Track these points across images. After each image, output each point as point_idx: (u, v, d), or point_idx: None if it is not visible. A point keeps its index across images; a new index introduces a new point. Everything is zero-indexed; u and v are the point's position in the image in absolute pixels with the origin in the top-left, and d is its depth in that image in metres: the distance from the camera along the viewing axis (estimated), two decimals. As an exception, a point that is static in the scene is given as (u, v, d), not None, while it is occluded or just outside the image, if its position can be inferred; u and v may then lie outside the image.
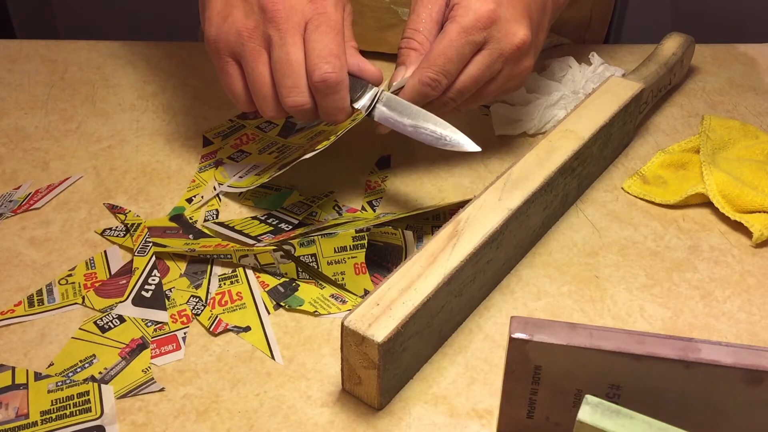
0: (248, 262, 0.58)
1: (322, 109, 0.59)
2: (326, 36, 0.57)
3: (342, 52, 0.58)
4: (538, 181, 0.57)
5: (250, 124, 0.73)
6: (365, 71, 0.60)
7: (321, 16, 0.57)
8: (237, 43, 0.58)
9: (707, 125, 0.72)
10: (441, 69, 0.59)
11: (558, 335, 0.42)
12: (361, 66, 0.60)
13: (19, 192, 0.65)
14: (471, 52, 0.59)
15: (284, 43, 0.57)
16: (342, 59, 0.57)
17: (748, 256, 0.61)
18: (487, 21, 0.59)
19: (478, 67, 0.60)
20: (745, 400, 0.42)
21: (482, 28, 0.59)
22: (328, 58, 0.57)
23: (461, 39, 0.58)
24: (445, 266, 0.50)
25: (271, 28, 0.57)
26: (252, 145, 0.70)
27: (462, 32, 0.58)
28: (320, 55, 0.57)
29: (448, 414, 0.49)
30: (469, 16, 0.59)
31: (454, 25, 0.59)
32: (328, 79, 0.57)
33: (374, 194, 0.66)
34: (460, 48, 0.58)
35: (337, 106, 0.59)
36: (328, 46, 0.57)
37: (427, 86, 0.59)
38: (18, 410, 0.49)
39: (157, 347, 0.53)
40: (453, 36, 0.58)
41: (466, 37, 0.58)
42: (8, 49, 0.84)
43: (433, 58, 0.59)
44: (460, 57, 0.59)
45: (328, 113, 0.59)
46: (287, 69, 0.57)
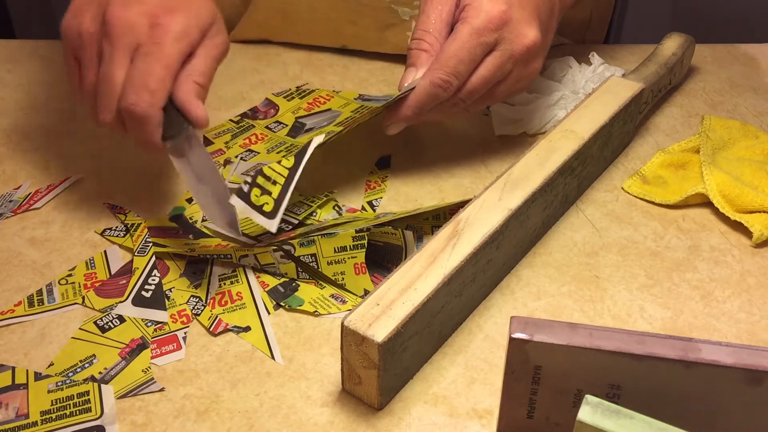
0: (248, 262, 0.58)
1: (130, 135, 0.57)
2: (148, 66, 0.54)
3: (159, 87, 0.54)
4: (538, 181, 0.57)
5: (259, 124, 0.73)
6: (189, 111, 0.56)
7: (153, 45, 0.54)
8: (78, 43, 0.57)
9: (707, 125, 0.72)
10: (452, 70, 0.59)
11: (558, 335, 0.42)
12: (185, 105, 0.56)
13: (19, 192, 0.65)
14: (482, 53, 0.59)
15: (111, 60, 0.55)
16: (156, 95, 0.54)
17: (748, 256, 0.61)
18: (498, 22, 0.59)
19: (489, 68, 0.60)
20: (745, 400, 0.42)
21: (494, 30, 0.59)
22: (138, 90, 0.54)
23: (473, 40, 0.58)
24: (445, 266, 0.50)
25: (105, 41, 0.55)
26: (261, 145, 0.70)
27: (474, 33, 0.58)
28: (132, 84, 0.54)
29: (448, 414, 0.49)
30: (480, 17, 0.58)
31: (465, 26, 0.59)
32: (131, 111, 0.54)
33: (374, 194, 0.66)
34: (471, 49, 0.58)
35: (143, 139, 0.56)
36: (144, 77, 0.54)
37: (439, 88, 0.59)
38: (18, 410, 0.49)
39: (158, 347, 0.53)
40: (465, 37, 0.58)
41: (478, 39, 0.58)
42: (8, 49, 0.84)
43: (444, 60, 0.59)
44: (471, 58, 0.59)
45: (136, 142, 0.57)
46: (105, 87, 0.55)
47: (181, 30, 0.55)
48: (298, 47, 0.84)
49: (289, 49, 0.84)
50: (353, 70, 0.81)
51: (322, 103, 0.75)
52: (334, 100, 0.75)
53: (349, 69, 0.82)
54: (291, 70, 0.81)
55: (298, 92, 0.77)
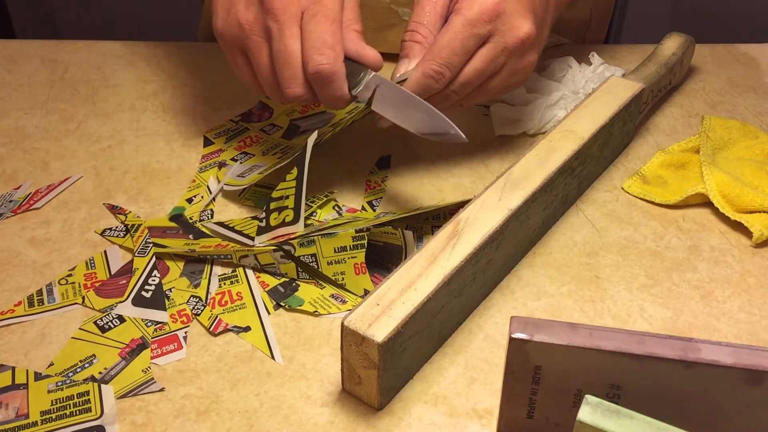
0: (248, 262, 0.58)
1: (320, 98, 0.59)
2: (320, 26, 0.57)
3: (337, 41, 0.57)
4: (538, 181, 0.57)
5: (253, 127, 0.73)
6: (364, 57, 0.59)
7: (316, 5, 0.57)
8: (240, 35, 0.59)
9: (707, 125, 0.72)
10: (445, 61, 0.58)
11: (558, 335, 0.42)
12: (359, 52, 0.59)
13: (19, 192, 0.65)
14: (475, 45, 0.59)
15: (282, 35, 0.57)
16: (336, 49, 0.57)
17: (748, 256, 0.61)
18: (492, 14, 0.59)
19: (482, 60, 0.60)
20: (745, 400, 0.42)
21: (487, 21, 0.59)
22: (321, 50, 0.56)
23: (466, 31, 0.58)
24: (445, 266, 0.50)
25: (270, 19, 0.57)
26: (255, 147, 0.70)
27: (467, 25, 0.58)
28: (314, 47, 0.57)
29: (448, 414, 0.49)
30: (474, 9, 0.58)
31: (459, 18, 0.59)
32: (321, 71, 0.57)
33: (374, 194, 0.66)
34: (464, 41, 0.58)
35: (335, 95, 0.59)
36: (321, 36, 0.56)
37: (431, 78, 0.59)
38: (18, 410, 0.49)
39: (159, 347, 0.53)
40: (458, 28, 0.58)
41: (471, 30, 0.58)
42: (8, 49, 0.84)
43: (437, 51, 0.59)
44: (464, 50, 0.59)
45: (326, 102, 0.60)
46: (285, 60, 0.58)
47: None
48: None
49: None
50: (353, 70, 0.81)
51: (316, 105, 0.75)
52: None
53: (349, 69, 0.82)
54: (291, 70, 0.81)
55: None
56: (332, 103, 0.60)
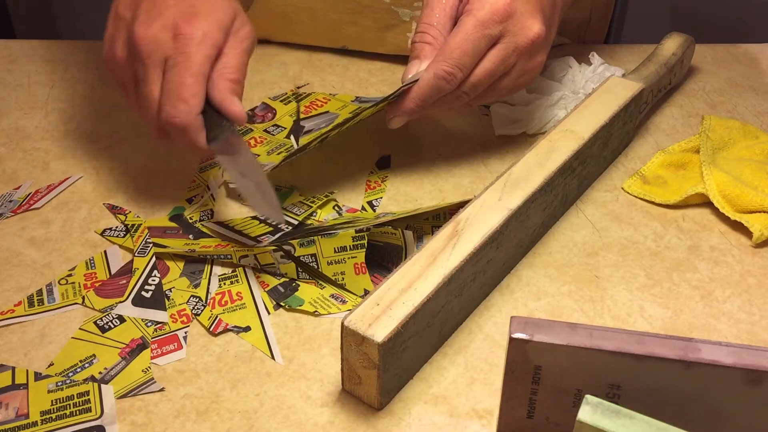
0: (248, 263, 0.58)
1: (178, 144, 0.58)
2: (177, 77, 0.55)
3: (192, 94, 0.55)
4: (538, 181, 0.57)
5: (257, 128, 0.73)
6: (225, 110, 0.57)
7: (179, 55, 0.56)
8: (116, 69, 0.60)
9: (707, 125, 0.72)
10: (456, 62, 0.58)
11: (558, 335, 0.42)
12: (222, 104, 0.57)
13: (19, 192, 0.65)
14: (487, 45, 0.59)
15: (146, 80, 0.57)
16: (189, 103, 0.55)
17: (748, 256, 0.61)
18: (503, 14, 0.59)
19: (493, 60, 0.60)
20: (745, 400, 0.42)
21: (498, 22, 0.59)
22: (174, 102, 0.55)
23: (477, 32, 0.58)
24: (445, 266, 0.50)
25: (137, 62, 0.57)
26: (260, 148, 0.70)
27: (478, 25, 0.58)
28: (168, 97, 0.56)
29: (448, 414, 0.49)
30: (485, 9, 0.58)
31: (470, 18, 0.59)
32: (171, 123, 0.56)
33: (374, 194, 0.66)
34: (476, 41, 0.58)
35: (189, 145, 0.57)
36: (176, 89, 0.55)
37: (443, 80, 0.59)
38: (18, 410, 0.49)
39: (159, 347, 0.53)
40: (469, 29, 0.58)
41: (483, 31, 0.58)
42: (8, 49, 0.84)
43: (448, 52, 0.58)
44: (475, 50, 0.59)
45: (184, 148, 0.59)
46: (146, 105, 0.57)
47: (202, 34, 0.56)
48: (298, 47, 0.84)
49: (289, 49, 0.84)
50: (353, 71, 0.81)
51: (319, 106, 0.75)
52: (331, 103, 0.75)
53: (349, 69, 0.82)
54: (291, 70, 0.81)
55: (294, 96, 0.77)
56: (190, 151, 0.59)
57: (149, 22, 0.56)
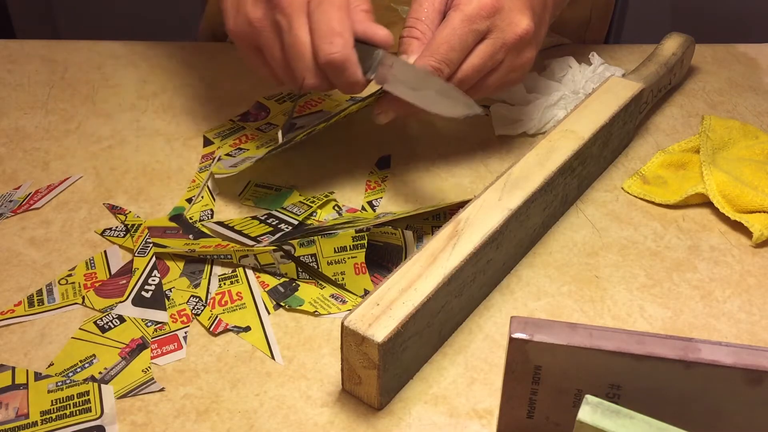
0: (248, 263, 0.58)
1: (336, 85, 0.60)
2: (326, 15, 0.57)
3: (345, 28, 0.57)
4: (538, 181, 0.57)
5: (250, 126, 0.73)
6: (373, 37, 0.59)
7: None
8: (251, 32, 0.60)
9: (707, 125, 0.72)
10: (443, 57, 0.58)
11: (558, 335, 0.42)
12: (368, 33, 0.59)
13: (19, 192, 0.65)
14: (474, 41, 0.59)
15: (291, 27, 0.57)
16: (344, 36, 0.57)
17: (748, 256, 0.61)
18: (490, 10, 0.58)
19: (481, 56, 0.59)
20: (745, 400, 0.42)
21: (486, 17, 0.58)
22: (330, 38, 0.56)
23: (464, 27, 0.58)
24: (445, 266, 0.50)
25: (278, 13, 0.58)
26: (250, 143, 0.70)
27: (465, 20, 0.58)
28: (322, 36, 0.57)
29: (448, 414, 0.49)
30: (472, 5, 0.58)
31: (457, 14, 0.59)
32: (332, 60, 0.57)
33: (374, 194, 0.66)
34: (463, 36, 0.58)
35: (349, 81, 0.59)
36: (329, 25, 0.56)
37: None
38: (18, 410, 0.49)
39: (159, 347, 0.53)
40: (456, 24, 0.58)
41: (470, 26, 0.58)
42: (8, 49, 0.84)
43: (435, 47, 0.58)
44: (463, 46, 0.59)
45: (343, 88, 0.60)
46: (296, 52, 0.58)
47: None
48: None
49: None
50: (353, 70, 0.81)
51: (314, 106, 0.75)
52: (325, 103, 0.75)
53: (349, 69, 0.82)
54: (291, 70, 0.81)
55: (289, 96, 0.77)
56: (349, 89, 0.60)
57: None
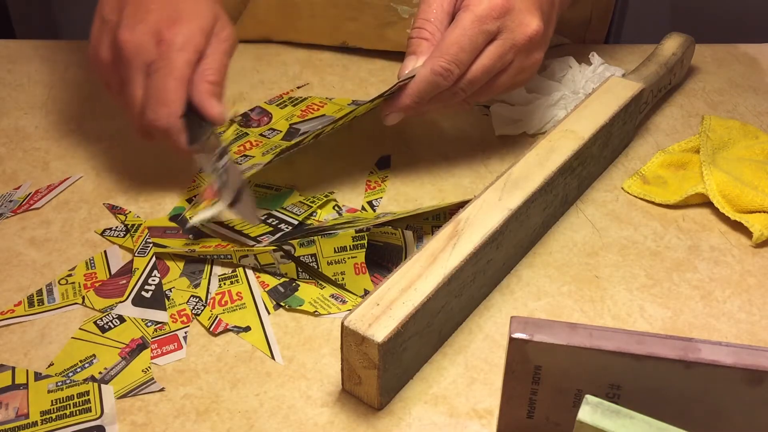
0: (248, 263, 0.58)
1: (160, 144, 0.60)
2: (161, 82, 0.57)
3: (175, 98, 0.57)
4: (538, 181, 0.57)
5: (253, 132, 0.73)
6: (205, 111, 0.59)
7: (161, 60, 0.57)
8: (102, 72, 0.61)
9: (707, 125, 0.72)
10: (453, 58, 0.58)
11: (558, 335, 0.42)
12: (202, 105, 0.58)
13: (19, 192, 0.65)
14: (484, 41, 0.59)
15: (129, 82, 0.58)
16: (172, 107, 0.57)
17: (748, 256, 0.61)
18: (501, 10, 0.58)
19: (491, 57, 0.59)
20: (745, 400, 0.42)
21: (496, 18, 0.58)
22: (155, 106, 0.57)
23: (475, 28, 0.58)
24: (445, 266, 0.50)
25: (122, 65, 0.59)
26: (255, 150, 0.70)
27: (476, 21, 0.58)
28: (150, 101, 0.57)
29: (448, 414, 0.49)
30: (483, 5, 0.58)
31: (467, 14, 0.58)
32: (153, 126, 0.58)
33: (374, 194, 0.66)
34: (473, 37, 0.58)
35: (173, 147, 0.59)
36: (159, 93, 0.57)
37: (439, 76, 0.59)
38: (18, 410, 0.49)
39: (159, 347, 0.53)
40: (466, 25, 0.58)
41: (480, 26, 0.58)
42: (8, 49, 0.84)
43: (445, 47, 0.58)
44: (473, 46, 0.58)
45: (168, 149, 0.60)
46: (130, 106, 0.59)
47: (184, 40, 0.58)
48: (298, 47, 0.84)
49: (289, 48, 0.84)
50: (353, 70, 0.81)
51: (315, 110, 0.75)
52: (327, 107, 0.75)
53: (349, 69, 0.82)
54: (291, 70, 0.81)
55: (290, 100, 0.77)
56: (173, 152, 0.60)
57: (133, 26, 0.58)
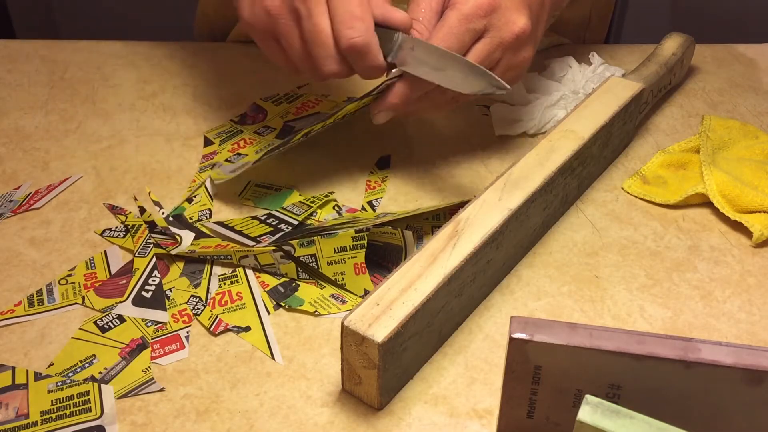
0: (248, 263, 0.58)
1: (357, 70, 0.60)
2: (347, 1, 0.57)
3: (365, 11, 0.57)
4: (538, 181, 0.57)
5: (247, 129, 0.73)
6: (392, 20, 0.59)
7: None
8: (269, 21, 0.60)
9: (707, 125, 0.72)
10: None
11: (558, 335, 0.42)
12: (386, 16, 0.59)
13: (19, 192, 0.65)
14: (471, 40, 0.59)
15: (310, 14, 0.58)
16: (365, 20, 0.57)
17: (748, 256, 0.61)
18: (487, 8, 0.58)
19: (478, 55, 0.59)
20: (745, 400, 0.42)
21: (483, 16, 0.58)
22: (351, 23, 0.57)
23: (461, 26, 0.58)
24: (445, 266, 0.50)
25: (296, 1, 0.58)
26: (249, 148, 0.70)
27: (462, 19, 0.58)
28: (343, 21, 0.57)
29: (448, 414, 0.49)
30: (469, 4, 0.58)
31: (454, 12, 0.59)
32: (354, 45, 0.57)
33: (374, 194, 0.66)
34: (460, 35, 0.58)
35: (371, 65, 0.59)
36: (349, 9, 0.57)
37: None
38: (18, 410, 0.49)
39: (161, 347, 0.53)
40: (453, 23, 0.58)
41: (467, 25, 0.58)
42: (8, 49, 0.84)
43: None
44: (460, 45, 0.59)
45: (364, 73, 0.60)
46: (317, 39, 0.58)
47: None
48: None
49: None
50: (353, 70, 0.81)
51: (310, 107, 0.75)
52: (322, 104, 0.75)
53: (349, 69, 0.82)
54: (291, 70, 0.81)
55: (286, 97, 0.77)
56: (370, 74, 0.60)
57: None
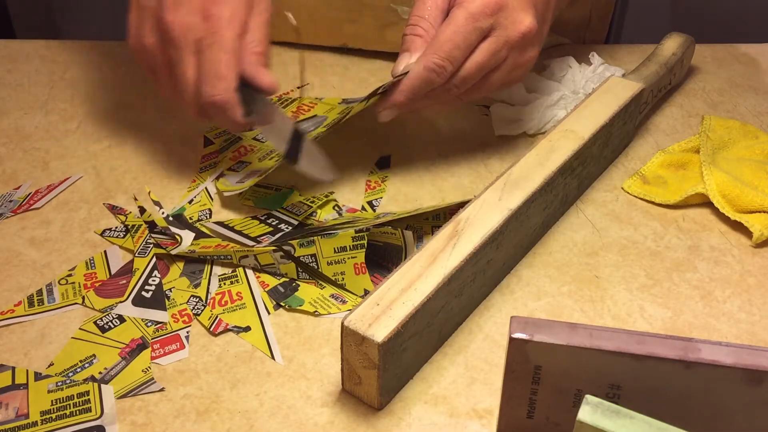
0: (248, 263, 0.58)
1: (216, 122, 0.62)
2: (214, 57, 0.58)
3: (229, 71, 0.58)
4: (538, 181, 0.57)
5: (247, 137, 0.72)
6: (257, 82, 0.59)
7: (211, 36, 0.58)
8: (147, 57, 0.61)
9: (707, 125, 0.72)
10: (447, 55, 0.58)
11: (558, 335, 0.42)
12: (254, 77, 0.59)
13: (19, 192, 0.65)
14: (477, 38, 0.59)
15: (180, 62, 0.59)
16: (227, 80, 0.58)
17: (748, 256, 0.61)
18: (494, 7, 0.59)
19: (484, 54, 0.60)
20: (745, 400, 0.42)
21: (489, 15, 0.59)
22: (213, 81, 0.58)
23: (468, 25, 0.58)
24: (445, 266, 0.50)
25: (169, 47, 0.59)
26: (251, 155, 0.70)
27: (469, 18, 0.58)
28: (206, 79, 0.58)
29: (448, 414, 0.49)
30: (476, 2, 0.59)
31: (461, 11, 0.59)
32: (212, 102, 0.58)
33: (374, 194, 0.66)
34: (467, 34, 0.58)
35: (229, 122, 0.60)
36: (214, 67, 0.58)
37: (433, 72, 0.59)
38: (18, 410, 0.49)
39: (161, 347, 0.53)
40: (460, 21, 0.58)
41: (474, 23, 0.58)
42: (8, 49, 0.84)
43: (439, 44, 0.58)
44: (466, 43, 0.59)
45: (223, 126, 0.62)
46: (183, 87, 0.59)
47: (230, 13, 0.59)
48: (298, 47, 0.84)
49: (289, 49, 0.84)
50: (353, 71, 0.81)
51: (306, 111, 0.75)
52: (318, 107, 0.75)
53: (349, 69, 0.82)
54: (291, 70, 0.81)
55: (280, 102, 0.77)
56: (229, 127, 0.61)
57: (176, 6, 0.58)
